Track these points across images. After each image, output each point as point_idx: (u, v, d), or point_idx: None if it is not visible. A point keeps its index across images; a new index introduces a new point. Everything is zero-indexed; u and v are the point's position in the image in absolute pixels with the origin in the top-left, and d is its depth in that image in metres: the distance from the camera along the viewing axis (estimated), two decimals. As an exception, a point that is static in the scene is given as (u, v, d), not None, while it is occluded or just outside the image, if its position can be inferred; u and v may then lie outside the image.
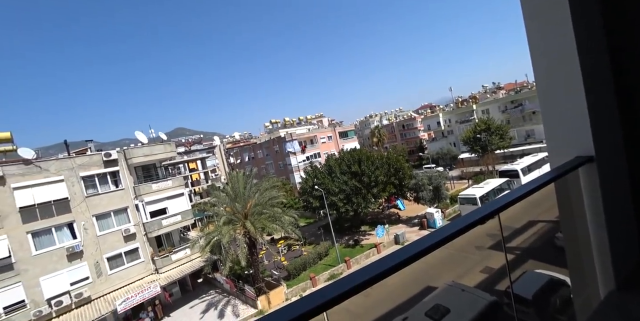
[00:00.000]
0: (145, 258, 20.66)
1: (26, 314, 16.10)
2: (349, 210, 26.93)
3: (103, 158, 19.77)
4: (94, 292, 18.29)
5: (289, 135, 45.21)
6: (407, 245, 1.16)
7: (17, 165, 17.12)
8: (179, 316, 20.04)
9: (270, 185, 21.71)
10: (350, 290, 0.98)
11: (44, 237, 17.35)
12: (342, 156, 30.09)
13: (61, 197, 17.77)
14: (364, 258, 23.59)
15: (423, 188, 28.49)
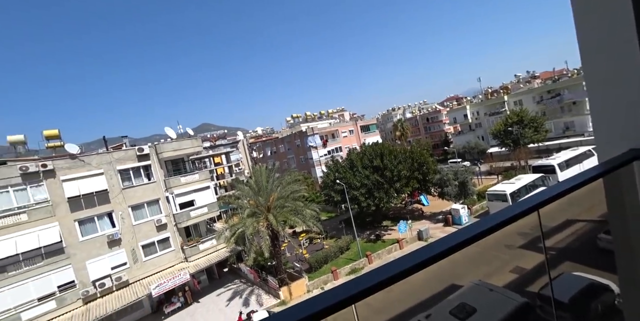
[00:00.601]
0: (176, 247, 21.93)
1: (76, 293, 17.81)
2: (371, 205, 26.68)
3: (137, 153, 21.05)
4: (131, 276, 19.78)
5: (310, 129, 45.35)
6: (438, 240, 1.15)
7: (65, 160, 18.72)
8: (207, 303, 21.17)
9: (292, 179, 21.99)
10: (379, 283, 0.97)
11: (88, 225, 18.94)
12: (364, 150, 29.72)
13: (101, 188, 19.25)
14: (385, 254, 23.40)
15: (448, 183, 27.51)
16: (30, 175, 17.29)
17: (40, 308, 16.81)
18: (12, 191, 16.91)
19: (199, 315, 19.55)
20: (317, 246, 27.67)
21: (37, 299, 16.80)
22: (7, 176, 16.77)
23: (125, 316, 19.88)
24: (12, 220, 16.61)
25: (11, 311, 16.10)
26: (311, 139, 44.52)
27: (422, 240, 24.59)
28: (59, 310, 17.30)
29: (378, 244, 25.73)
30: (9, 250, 16.08)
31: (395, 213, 33.82)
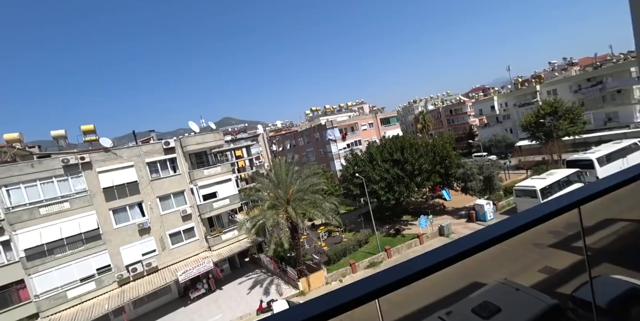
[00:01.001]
0: (200, 237, 22.97)
1: (112, 276, 19.28)
2: (390, 199, 26.34)
3: (163, 147, 22.04)
4: (160, 263, 21.05)
5: (329, 122, 45.13)
6: (468, 237, 1.12)
7: (100, 153, 20.02)
8: (229, 290, 22.13)
9: (312, 172, 22.12)
10: (404, 279, 0.96)
11: (121, 214, 20.28)
12: (384, 143, 29.21)
13: (132, 180, 20.44)
14: (405, 248, 23.13)
15: (472, 178, 26.46)
16: (70, 167, 18.68)
17: (82, 288, 18.40)
18: (56, 181, 18.39)
19: (222, 301, 20.50)
20: (335, 239, 27.87)
21: (79, 280, 18.38)
22: (51, 168, 18.24)
23: (155, 299, 21.31)
24: (57, 208, 18.13)
25: (58, 289, 17.77)
26: (330, 132, 44.33)
27: (444, 235, 24.00)
28: (98, 290, 18.84)
29: (397, 238, 25.46)
30: (55, 234, 17.64)
31: (415, 207, 33.19)
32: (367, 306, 0.93)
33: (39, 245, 17.23)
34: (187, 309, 20.34)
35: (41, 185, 17.98)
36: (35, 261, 17.30)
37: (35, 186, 17.84)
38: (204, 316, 18.85)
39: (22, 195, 17.47)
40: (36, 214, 17.53)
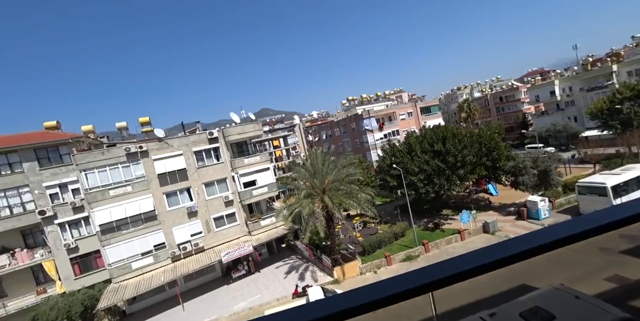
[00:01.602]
0: (240, 222, 24.49)
1: (166, 253, 21.61)
2: (430, 192, 25.21)
3: (208, 137, 23.57)
4: (206, 244, 22.98)
5: (366, 112, 44.09)
6: (534, 234, 1.02)
7: (154, 142, 22.11)
8: (267, 273, 23.45)
9: (348, 163, 22.00)
10: (462, 274, 0.91)
11: (172, 198, 22.39)
12: (424, 133, 27.79)
13: (181, 167, 22.33)
14: (444, 244, 22.18)
15: (524, 171, 24.08)
16: (131, 155, 20.98)
17: (143, 261, 20.96)
18: (120, 167, 20.85)
19: (260, 283, 21.85)
20: (370, 230, 27.71)
21: (140, 254, 20.94)
22: (117, 155, 20.68)
23: (202, 276, 23.48)
24: (122, 191, 20.64)
25: (125, 260, 20.47)
26: (367, 122, 43.36)
27: (489, 232, 22.46)
28: (155, 264, 21.30)
29: (436, 233, 24.48)
30: (121, 213, 20.19)
31: (457, 201, 31.43)
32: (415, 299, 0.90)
33: (110, 221, 19.91)
34: (229, 287, 22.09)
35: (110, 171, 20.53)
36: (107, 235, 20.06)
37: (105, 171, 20.43)
38: (244, 295, 20.33)
39: (96, 179, 20.16)
40: (107, 195, 20.16)
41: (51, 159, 20.58)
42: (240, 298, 20.11)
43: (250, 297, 19.90)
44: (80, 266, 20.89)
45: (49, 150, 20.59)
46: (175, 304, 20.37)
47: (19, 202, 19.84)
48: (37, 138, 20.70)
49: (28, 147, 19.90)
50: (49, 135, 21.95)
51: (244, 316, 17.94)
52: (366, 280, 19.71)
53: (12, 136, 22.09)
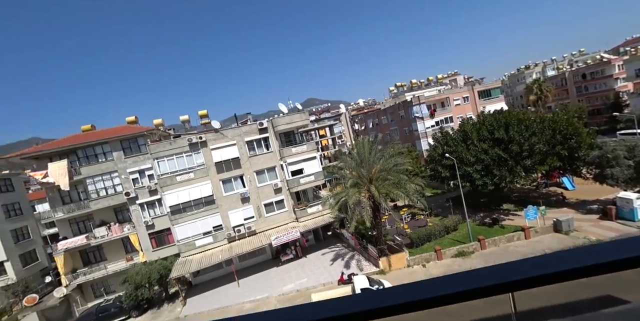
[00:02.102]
0: (289, 209, 25.55)
1: (223, 234, 23.76)
2: (488, 184, 23.04)
3: (258, 127, 24.75)
4: (257, 228, 24.61)
5: (415, 98, 41.53)
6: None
7: (212, 133, 24.04)
8: (313, 259, 24.27)
9: (396, 152, 21.19)
10: (547, 276, 0.81)
11: (227, 184, 24.29)
12: (482, 120, 25.19)
13: (235, 156, 23.96)
14: (504, 241, 20.24)
15: (615, 162, 20.31)
16: (193, 145, 23.17)
17: (204, 240, 23.40)
18: (184, 156, 23.23)
19: (307, 268, 22.75)
20: (419, 222, 26.62)
21: (202, 233, 23.39)
22: (181, 145, 23.05)
23: (254, 257, 25.34)
24: (186, 177, 23.07)
25: (189, 238, 23.11)
26: (416, 109, 40.87)
27: (561, 232, 19.79)
28: (214, 243, 23.61)
29: (494, 229, 22.44)
30: (186, 197, 22.66)
31: (521, 195, 28.25)
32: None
33: (177, 204, 22.53)
34: (278, 269, 23.48)
35: (176, 159, 23.04)
36: (175, 216, 22.79)
37: (173, 159, 22.98)
38: (292, 278, 21.44)
39: (165, 166, 22.85)
40: (174, 181, 22.75)
41: (132, 149, 23.87)
42: (288, 280, 21.28)
43: (298, 280, 20.91)
44: (156, 240, 24.21)
45: (130, 142, 23.89)
46: (231, 280, 22.46)
47: (111, 185, 23.60)
48: (122, 132, 24.14)
49: (116, 139, 23.40)
50: (130, 128, 25.39)
51: (291, 298, 18.99)
52: (414, 273, 19.13)
53: (105, 130, 26.18)
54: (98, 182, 23.40)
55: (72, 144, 23.14)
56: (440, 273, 18.19)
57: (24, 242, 29.70)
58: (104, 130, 26.49)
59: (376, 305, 0.81)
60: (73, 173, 22.65)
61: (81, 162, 23.28)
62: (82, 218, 23.92)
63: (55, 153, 23.07)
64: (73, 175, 22.58)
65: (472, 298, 0.82)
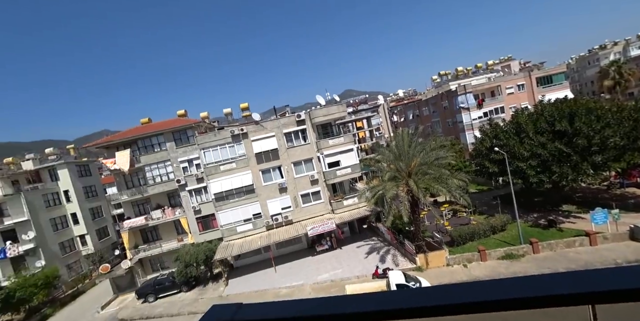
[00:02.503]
0: (325, 200, 25.82)
1: (261, 222, 24.96)
2: (545, 182, 20.73)
3: (296, 119, 25.13)
4: (294, 217, 25.35)
5: (461, 87, 38.46)
6: None
7: (252, 125, 25.06)
8: (348, 251, 24.37)
9: (437, 145, 20.08)
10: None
11: (266, 175, 25.26)
12: (541, 109, 22.48)
13: (273, 147, 24.73)
14: (562, 246, 18.17)
15: None
16: (235, 136, 24.43)
17: (244, 227, 24.84)
18: (227, 147, 24.65)
19: (342, 259, 22.94)
20: (461, 220, 25.09)
21: (242, 220, 24.84)
22: (224, 137, 24.46)
23: (290, 246, 26.26)
24: (228, 167, 24.52)
25: (231, 224, 24.73)
26: (462, 99, 37.90)
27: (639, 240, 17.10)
28: (254, 230, 24.94)
29: (551, 232, 20.27)
30: (228, 186, 24.16)
31: (587, 196, 25.01)
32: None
33: (221, 191, 24.14)
34: (313, 259, 24.06)
35: (220, 149, 24.55)
36: (219, 203, 24.48)
37: (217, 150, 24.53)
38: (326, 268, 21.83)
39: (211, 156, 24.51)
40: (218, 170, 24.34)
41: (182, 140, 25.96)
42: (323, 269, 21.72)
43: (332, 270, 21.23)
44: (203, 224, 26.33)
45: (181, 133, 25.99)
46: (269, 266, 23.62)
47: (165, 172, 26.07)
48: (174, 124, 26.36)
49: (169, 131, 25.65)
50: (180, 121, 27.59)
51: (326, 287, 19.39)
52: (454, 272, 18.19)
53: (159, 123, 28.87)
54: (154, 170, 26.00)
55: (133, 135, 25.91)
56: (484, 275, 17.03)
57: (98, 219, 34.55)
58: (159, 122, 29.17)
59: (434, 303, 0.75)
60: (134, 161, 25.42)
61: (140, 151, 25.99)
62: (142, 201, 26.90)
63: (121, 143, 26.05)
64: (134, 163, 25.35)
65: (546, 305, 0.72)
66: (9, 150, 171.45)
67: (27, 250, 26.49)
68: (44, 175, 31.80)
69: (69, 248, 30.57)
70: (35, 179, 31.55)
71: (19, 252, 25.96)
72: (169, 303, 21.91)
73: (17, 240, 26.52)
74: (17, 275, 23.91)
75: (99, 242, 33.42)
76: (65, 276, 28.50)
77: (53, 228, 29.39)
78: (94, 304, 24.39)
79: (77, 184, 32.63)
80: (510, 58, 67.63)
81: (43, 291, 23.50)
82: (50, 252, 28.22)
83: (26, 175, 31.22)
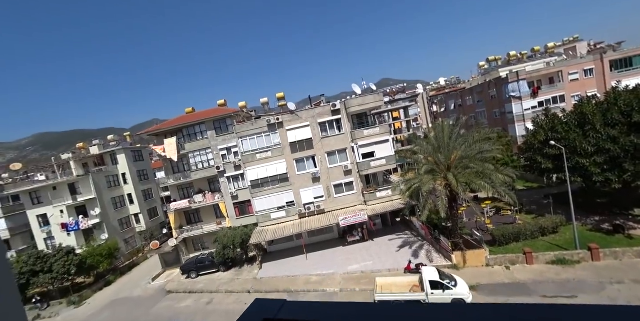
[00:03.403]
0: (357, 191, 25.53)
1: (295, 209, 25.53)
2: (613, 181, 18.22)
3: (331, 109, 24.85)
4: (326, 207, 25.51)
5: (513, 74, 34.78)
6: None
7: (287, 115, 25.33)
8: (380, 243, 24.03)
9: (482, 137, 18.50)
10: None
11: (300, 164, 25.58)
12: (614, 98, 19.46)
13: (308, 137, 24.84)
14: (631, 255, 15.98)
15: None
16: (271, 125, 24.95)
17: (278, 214, 25.64)
18: (264, 136, 25.31)
19: (373, 251, 22.71)
20: (505, 218, 23.24)
21: (276, 207, 25.64)
22: (261, 126, 25.11)
23: (322, 235, 26.62)
24: (264, 155, 25.25)
25: (266, 211, 25.68)
26: (513, 87, 34.31)
27: None
28: (287, 218, 25.64)
29: (615, 238, 17.92)
30: (264, 173, 24.96)
31: (664, 199, 21.47)
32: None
33: (256, 179, 25.06)
34: (344, 249, 24.16)
35: (257, 138, 25.32)
36: (255, 190, 25.48)
37: (254, 138, 25.33)
38: (357, 259, 21.80)
39: (248, 144, 25.42)
40: (255, 158, 25.21)
41: (222, 129, 27.21)
42: (353, 260, 21.74)
43: (363, 262, 21.15)
44: (239, 210, 27.73)
45: (221, 122, 27.23)
46: (300, 253, 24.25)
47: (206, 159, 27.71)
48: (215, 113, 27.67)
49: (210, 120, 27.02)
50: (220, 110, 28.87)
51: (356, 278, 19.42)
52: (493, 273, 17.03)
53: (202, 112, 30.53)
54: (197, 156, 27.74)
55: (179, 124, 27.75)
56: (529, 280, 15.70)
57: (149, 200, 38.19)
58: (201, 112, 30.84)
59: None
60: (180, 148, 27.34)
61: (185, 139, 27.82)
62: (186, 185, 29.02)
63: (168, 131, 28.09)
64: (180, 150, 27.27)
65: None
66: (79, 137, 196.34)
67: (94, 224, 30.45)
68: (107, 159, 35.77)
69: (126, 225, 34.43)
70: (100, 163, 35.70)
71: (88, 225, 29.90)
72: (208, 280, 23.72)
73: (87, 215, 30.53)
74: (87, 245, 27.75)
75: (150, 221, 37.07)
76: (123, 249, 32.30)
77: (114, 207, 33.24)
78: (146, 275, 27.39)
79: (132, 168, 36.23)
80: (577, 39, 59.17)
81: (107, 261, 27.09)
82: (112, 227, 32.08)
83: (93, 158, 35.44)
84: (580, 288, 14.34)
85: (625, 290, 13.69)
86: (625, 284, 14.14)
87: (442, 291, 14.57)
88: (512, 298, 14.36)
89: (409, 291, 15.52)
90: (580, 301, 13.36)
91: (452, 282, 14.97)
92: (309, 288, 19.06)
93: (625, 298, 13.13)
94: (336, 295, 17.81)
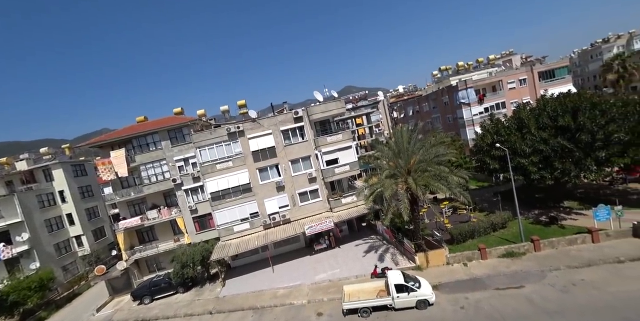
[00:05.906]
0: (323, 198, 25.40)
1: (259, 221, 24.56)
2: (547, 178, 20.32)
3: (293, 116, 24.62)
4: (292, 216, 24.94)
5: (461, 82, 37.92)
6: None
7: (249, 123, 24.54)
8: (347, 250, 24.01)
9: (437, 141, 19.57)
10: None
11: (264, 173, 24.80)
12: (543, 105, 21.99)
13: (271, 145, 24.26)
14: (564, 244, 17.81)
15: None
16: (231, 134, 23.94)
17: (242, 226, 24.44)
18: (223, 145, 24.16)
19: (340, 258, 22.58)
20: (461, 217, 24.72)
21: (240, 219, 24.44)
22: (221, 135, 23.96)
23: (288, 245, 25.91)
24: (225, 165, 24.06)
25: (228, 224, 24.33)
26: (462, 94, 37.37)
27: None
28: (251, 230, 24.55)
29: (552, 229, 19.92)
30: (224, 185, 23.72)
31: (588, 192, 24.64)
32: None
33: (217, 191, 23.72)
34: (311, 258, 23.71)
35: (216, 148, 24.08)
36: (215, 202, 24.06)
37: (213, 148, 24.06)
38: (324, 268, 21.48)
39: (207, 155, 24.04)
40: (214, 169, 23.89)
41: (178, 138, 25.43)
42: (321, 269, 21.37)
43: (330, 270, 20.88)
44: (199, 224, 25.93)
45: (176, 131, 25.45)
46: (267, 265, 23.27)
47: (160, 172, 25.60)
48: (170, 122, 25.79)
49: (164, 129, 25.11)
50: (176, 119, 27.04)
51: (324, 287, 19.04)
52: (453, 271, 17.83)
53: (155, 121, 28.32)
54: (150, 169, 25.54)
55: (128, 134, 25.38)
56: (484, 274, 16.67)
57: (94, 220, 34.20)
58: (155, 120, 28.63)
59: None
60: (130, 160, 24.96)
61: (136, 151, 25.51)
62: (138, 201, 26.49)
63: (115, 142, 25.54)
64: (130, 162, 24.89)
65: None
66: (10, 149, 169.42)
67: (21, 252, 26.09)
68: (39, 175, 31.38)
69: (65, 249, 30.24)
70: (29, 179, 31.11)
71: (12, 254, 25.52)
72: (165, 304, 21.60)
73: (11, 241, 26.14)
74: (10, 278, 23.54)
75: (95, 243, 33.11)
76: (60, 277, 28.20)
77: (48, 229, 29.01)
78: (89, 306, 24.09)
79: (72, 184, 32.24)
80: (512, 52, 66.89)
81: (37, 294, 23.13)
82: (45, 254, 27.87)
83: (20, 175, 30.78)
84: (526, 278, 15.57)
85: (562, 276, 15.15)
86: (562, 270, 15.68)
87: (407, 294, 14.80)
88: (470, 294, 15.06)
89: (376, 296, 15.55)
90: (526, 290, 14.45)
91: (417, 284, 15.31)
92: (275, 303, 18.21)
93: (562, 283, 14.50)
94: (304, 307, 17.22)
